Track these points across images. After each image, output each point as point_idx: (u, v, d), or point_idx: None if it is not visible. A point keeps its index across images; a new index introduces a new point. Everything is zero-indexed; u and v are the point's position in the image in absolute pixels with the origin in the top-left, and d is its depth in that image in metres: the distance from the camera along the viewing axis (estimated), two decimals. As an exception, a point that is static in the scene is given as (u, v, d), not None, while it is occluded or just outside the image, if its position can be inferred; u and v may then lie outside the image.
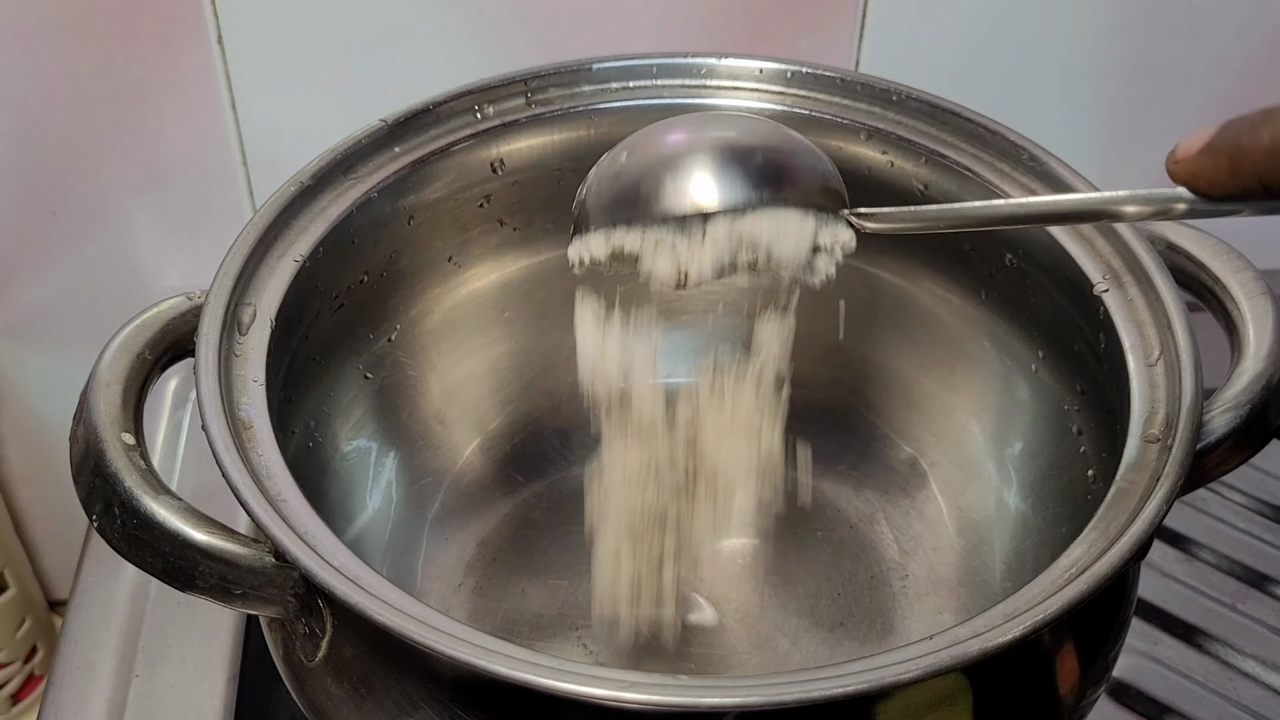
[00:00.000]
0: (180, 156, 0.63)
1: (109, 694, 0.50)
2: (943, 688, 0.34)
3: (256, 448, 0.37)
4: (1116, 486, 0.37)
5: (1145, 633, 0.55)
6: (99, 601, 0.54)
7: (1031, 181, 0.45)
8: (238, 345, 0.40)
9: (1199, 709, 0.53)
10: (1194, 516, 0.61)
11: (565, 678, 0.30)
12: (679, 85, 0.49)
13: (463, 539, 0.51)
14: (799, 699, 0.30)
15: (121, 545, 0.36)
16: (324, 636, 0.37)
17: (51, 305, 0.69)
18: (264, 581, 0.36)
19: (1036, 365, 0.47)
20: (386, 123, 0.46)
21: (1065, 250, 0.43)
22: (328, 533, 0.35)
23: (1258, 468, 0.63)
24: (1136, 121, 0.69)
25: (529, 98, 0.48)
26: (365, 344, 0.49)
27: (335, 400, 0.47)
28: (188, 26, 0.59)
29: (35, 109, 0.61)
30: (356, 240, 0.45)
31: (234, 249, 0.41)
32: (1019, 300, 0.47)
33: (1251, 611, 0.57)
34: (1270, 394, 0.39)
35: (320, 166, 0.44)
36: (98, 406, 0.37)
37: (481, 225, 0.50)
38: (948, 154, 0.47)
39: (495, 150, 0.48)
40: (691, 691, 0.31)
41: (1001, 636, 0.32)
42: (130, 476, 0.36)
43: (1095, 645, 0.39)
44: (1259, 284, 0.41)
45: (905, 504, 0.53)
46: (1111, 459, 0.39)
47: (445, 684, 0.35)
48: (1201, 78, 0.67)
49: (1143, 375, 0.40)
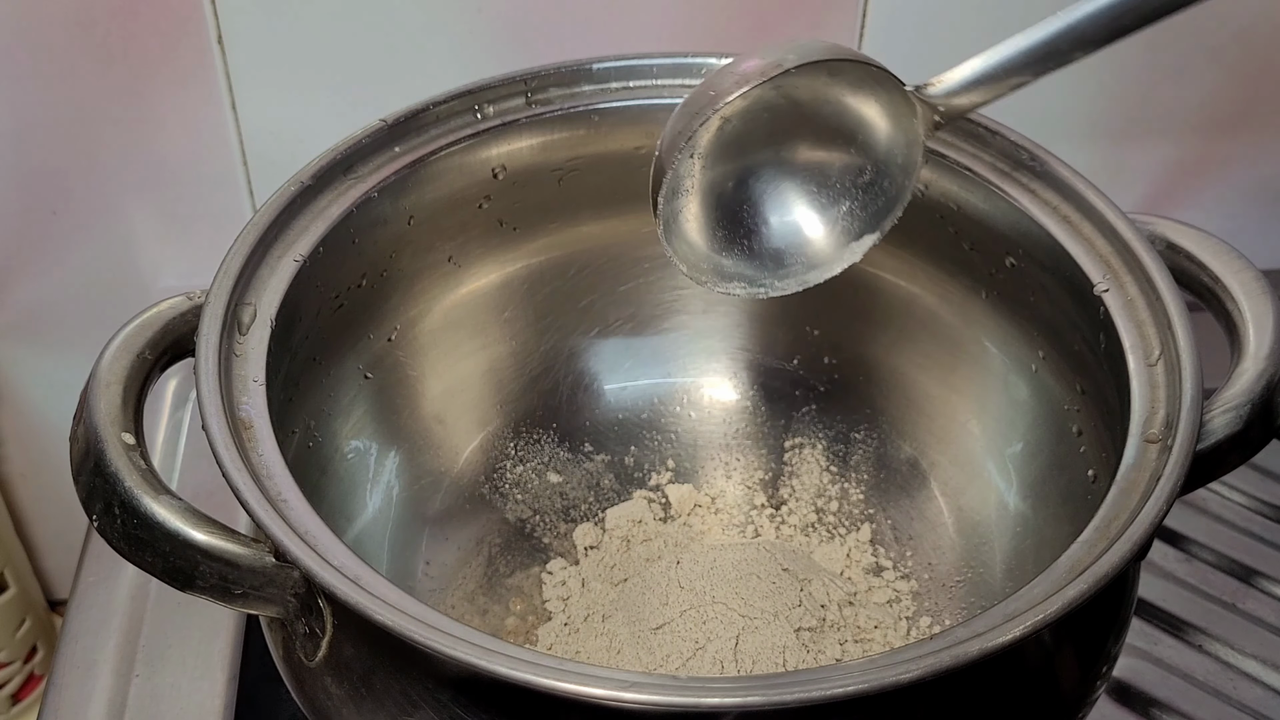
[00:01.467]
0: (180, 156, 0.63)
1: (109, 694, 0.50)
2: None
3: (256, 448, 0.37)
4: (1116, 486, 0.37)
5: (1145, 633, 0.55)
6: (99, 601, 0.54)
7: (1031, 181, 0.45)
8: (238, 345, 0.40)
9: (1199, 709, 0.53)
10: (1194, 516, 0.61)
11: (565, 678, 0.30)
12: (679, 85, 0.49)
13: (463, 539, 0.51)
14: (799, 699, 0.30)
15: (121, 545, 0.36)
16: (324, 636, 0.37)
17: (51, 305, 0.69)
18: (264, 581, 0.36)
19: (1037, 365, 0.47)
20: (386, 123, 0.46)
21: (1065, 250, 0.43)
22: (328, 533, 0.35)
23: (1258, 468, 0.63)
24: (1137, 122, 0.69)
25: (529, 98, 0.48)
26: (365, 344, 0.49)
27: (335, 400, 0.48)
28: (188, 26, 0.59)
29: (35, 109, 0.61)
30: (356, 240, 0.45)
31: (234, 249, 0.41)
32: (1019, 300, 0.47)
33: (1251, 611, 0.57)
34: (1270, 394, 0.39)
35: (320, 166, 0.44)
36: (98, 406, 0.37)
37: (481, 225, 0.50)
38: (948, 154, 0.47)
39: (495, 150, 0.48)
40: (691, 691, 0.31)
41: (1001, 636, 0.32)
42: (130, 476, 0.36)
43: (1095, 645, 0.39)
44: (1259, 284, 0.41)
45: (905, 504, 0.53)
46: (1111, 459, 0.39)
47: (445, 684, 0.35)
48: (1202, 78, 0.67)
49: (1143, 375, 0.40)
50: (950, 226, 0.48)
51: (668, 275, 0.55)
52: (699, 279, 0.44)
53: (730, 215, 0.44)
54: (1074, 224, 0.44)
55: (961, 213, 0.47)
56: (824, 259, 0.45)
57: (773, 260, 0.45)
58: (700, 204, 0.43)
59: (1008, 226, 0.46)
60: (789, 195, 0.44)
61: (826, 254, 0.45)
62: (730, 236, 0.44)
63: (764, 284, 0.45)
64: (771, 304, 0.55)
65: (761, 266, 0.45)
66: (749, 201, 0.44)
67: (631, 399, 0.56)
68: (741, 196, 0.44)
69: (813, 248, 0.45)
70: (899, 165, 0.43)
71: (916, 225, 0.49)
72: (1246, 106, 0.69)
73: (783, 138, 0.43)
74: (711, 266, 0.44)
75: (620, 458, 0.55)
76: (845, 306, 0.53)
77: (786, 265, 0.45)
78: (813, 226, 0.45)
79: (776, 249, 0.44)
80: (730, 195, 0.44)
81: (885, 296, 0.52)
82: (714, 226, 0.44)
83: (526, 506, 0.53)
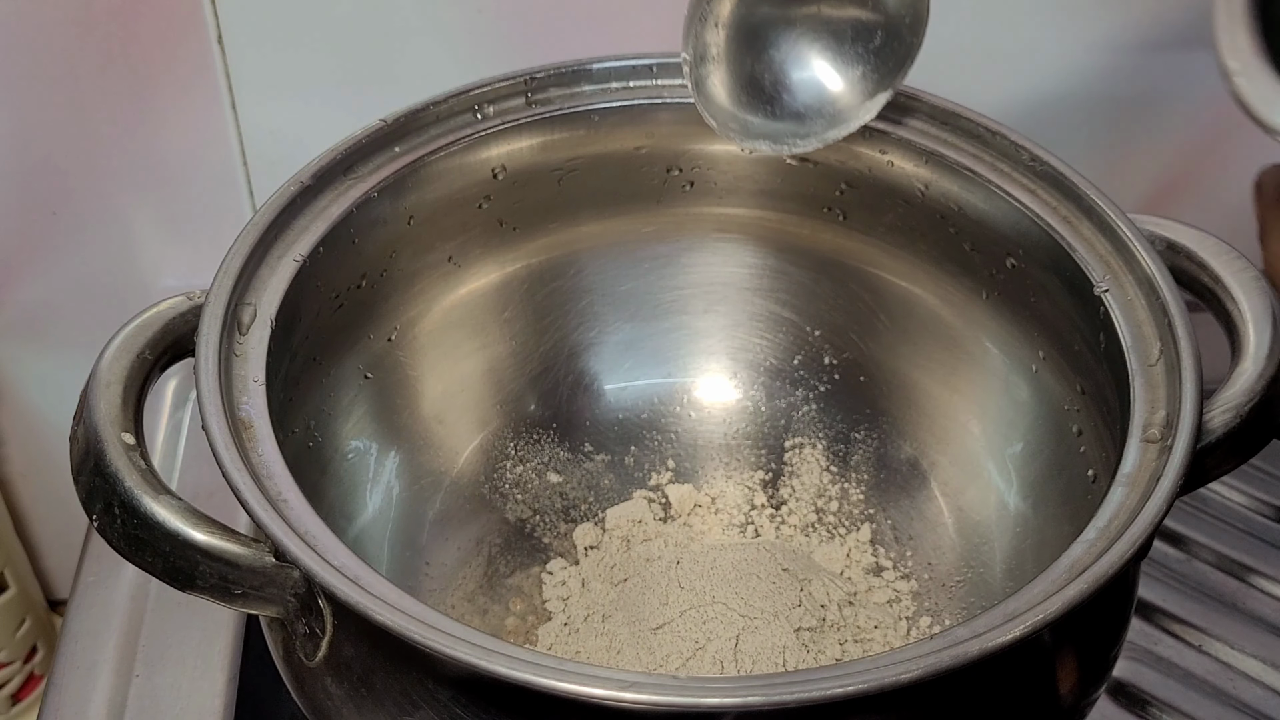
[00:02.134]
0: (180, 157, 0.63)
1: (109, 694, 0.50)
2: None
3: (256, 448, 0.37)
4: (1116, 486, 0.37)
5: (1145, 633, 0.55)
6: (99, 601, 0.54)
7: (1032, 182, 0.45)
8: (238, 345, 0.40)
9: (1199, 709, 0.53)
10: (1194, 516, 0.61)
11: (565, 678, 0.30)
12: (679, 85, 0.49)
13: (463, 539, 0.51)
14: (799, 699, 0.30)
15: (121, 545, 0.36)
16: (324, 636, 0.37)
17: (51, 305, 0.68)
18: (264, 581, 0.36)
19: (1037, 365, 0.47)
20: (386, 123, 0.46)
21: (1066, 250, 0.44)
22: (328, 533, 0.35)
23: (1258, 468, 0.63)
24: (1138, 122, 0.69)
25: (529, 98, 0.48)
26: (365, 344, 0.49)
27: (335, 400, 0.48)
28: (188, 26, 0.59)
29: (35, 109, 0.61)
30: (356, 240, 0.45)
31: (234, 249, 0.41)
32: (1020, 301, 0.47)
33: (1252, 611, 0.57)
34: (1270, 394, 0.39)
35: (320, 166, 0.44)
36: (98, 406, 0.37)
37: (481, 225, 0.50)
38: (948, 154, 0.47)
39: (495, 150, 0.48)
40: (691, 691, 0.31)
41: (1001, 636, 0.32)
42: (130, 476, 0.36)
43: (1095, 645, 0.39)
44: (1259, 284, 0.41)
45: (905, 504, 0.53)
46: (1111, 459, 0.39)
47: (445, 684, 0.35)
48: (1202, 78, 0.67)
49: (1143, 375, 0.40)
50: (951, 227, 0.48)
51: (668, 275, 0.55)
52: (727, 134, 0.47)
53: (754, 79, 0.47)
54: (1074, 224, 0.44)
55: (962, 213, 0.47)
56: (843, 117, 0.47)
57: (795, 119, 0.47)
58: (726, 69, 0.47)
59: (1008, 226, 0.46)
60: (808, 59, 0.47)
61: (844, 112, 0.47)
62: (754, 98, 0.47)
63: (786, 142, 0.47)
64: (772, 304, 0.55)
65: (784, 125, 0.48)
66: (771, 65, 0.47)
67: (631, 399, 0.56)
68: (765, 60, 0.47)
69: (832, 107, 0.47)
70: (907, 25, 0.45)
71: (917, 225, 0.49)
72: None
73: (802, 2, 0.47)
74: (739, 125, 0.47)
75: (620, 458, 0.55)
76: (846, 306, 0.53)
77: (807, 124, 0.47)
78: (830, 87, 0.47)
79: (797, 110, 0.47)
80: (754, 60, 0.47)
81: (886, 297, 0.52)
82: (739, 90, 0.47)
83: (526, 506, 0.53)
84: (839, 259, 0.52)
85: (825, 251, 0.52)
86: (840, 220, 0.51)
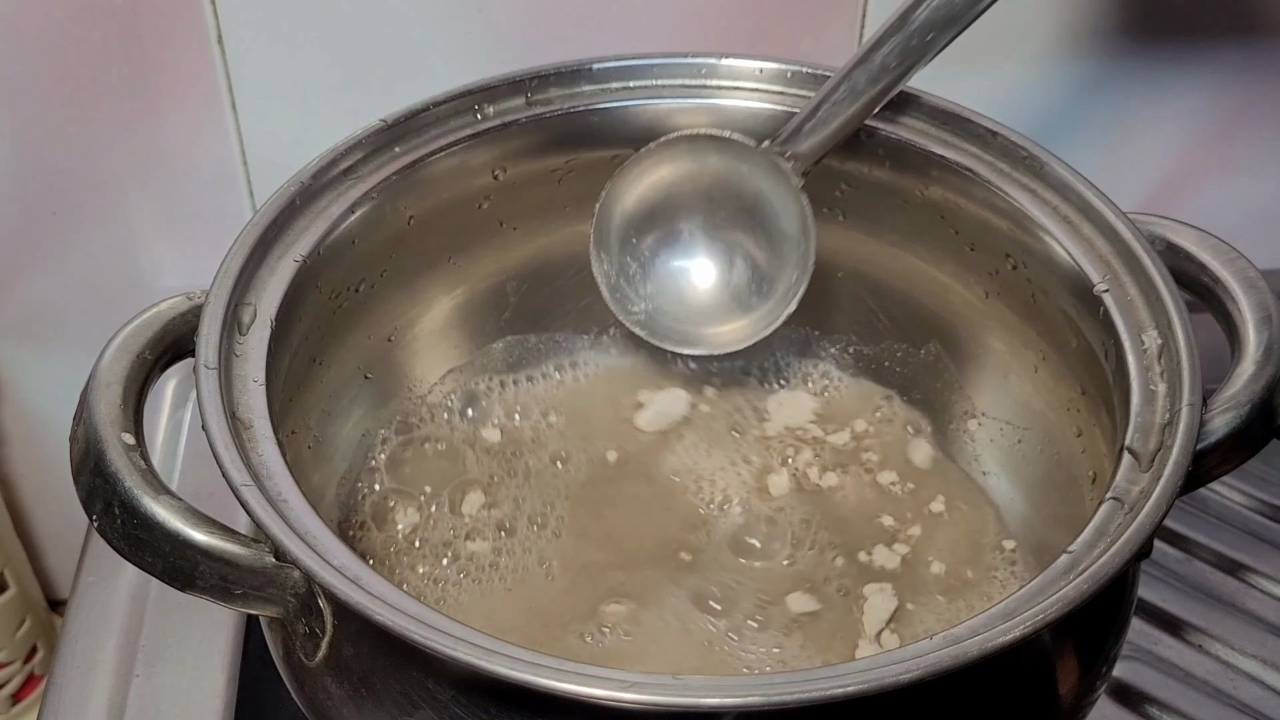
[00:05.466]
0: (180, 157, 0.63)
1: (109, 694, 0.50)
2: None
3: (256, 448, 0.37)
4: (1116, 487, 0.37)
5: (1145, 633, 0.55)
6: (99, 601, 0.54)
7: (1032, 181, 0.45)
8: (238, 345, 0.40)
9: (1199, 709, 0.53)
10: (1194, 516, 0.61)
11: (565, 678, 0.30)
12: (679, 85, 0.49)
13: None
14: (799, 699, 0.30)
15: (121, 545, 0.36)
16: (324, 636, 0.37)
17: (51, 305, 0.68)
18: (264, 581, 0.36)
19: (1037, 365, 0.47)
20: (386, 123, 0.46)
21: (1065, 250, 0.43)
22: (328, 533, 0.35)
23: (1258, 468, 0.63)
24: (1138, 122, 0.69)
25: (529, 98, 0.48)
26: (365, 344, 0.49)
27: (335, 400, 0.47)
28: (188, 26, 0.59)
29: (35, 109, 0.61)
30: (356, 240, 0.45)
31: (234, 249, 0.41)
32: (1020, 301, 0.47)
33: (1252, 611, 0.57)
34: (1270, 394, 0.39)
35: (320, 166, 0.44)
36: (98, 406, 0.37)
37: (481, 225, 0.50)
38: (948, 154, 0.47)
39: (495, 150, 0.48)
40: (691, 691, 0.31)
41: (1001, 636, 0.32)
42: (130, 476, 0.36)
43: (1095, 645, 0.39)
44: (1259, 284, 0.41)
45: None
46: (1111, 459, 0.39)
47: (445, 684, 0.35)
48: (1203, 78, 0.67)
49: (1143, 375, 0.40)
50: (951, 227, 0.48)
51: (668, 275, 0.55)
52: (635, 330, 0.51)
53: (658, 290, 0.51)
54: (1074, 224, 0.44)
55: (962, 213, 0.47)
56: (740, 337, 0.50)
57: (693, 334, 0.51)
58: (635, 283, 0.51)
59: (1008, 227, 0.46)
60: (713, 276, 0.51)
61: (742, 332, 0.50)
62: (658, 308, 0.51)
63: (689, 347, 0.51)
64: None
65: (685, 337, 0.51)
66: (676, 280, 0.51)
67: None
68: (669, 274, 0.51)
69: (732, 329, 0.50)
70: (796, 234, 0.48)
71: (917, 226, 0.49)
72: (1247, 106, 0.69)
73: (710, 215, 0.50)
74: (643, 322, 0.51)
75: (620, 458, 0.55)
76: (846, 307, 0.53)
77: (708, 340, 0.51)
78: (731, 307, 0.51)
79: (698, 329, 0.51)
80: (660, 273, 0.51)
81: (886, 297, 0.52)
82: (648, 298, 0.51)
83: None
84: (839, 259, 0.52)
85: (825, 251, 0.52)
86: (840, 220, 0.51)
